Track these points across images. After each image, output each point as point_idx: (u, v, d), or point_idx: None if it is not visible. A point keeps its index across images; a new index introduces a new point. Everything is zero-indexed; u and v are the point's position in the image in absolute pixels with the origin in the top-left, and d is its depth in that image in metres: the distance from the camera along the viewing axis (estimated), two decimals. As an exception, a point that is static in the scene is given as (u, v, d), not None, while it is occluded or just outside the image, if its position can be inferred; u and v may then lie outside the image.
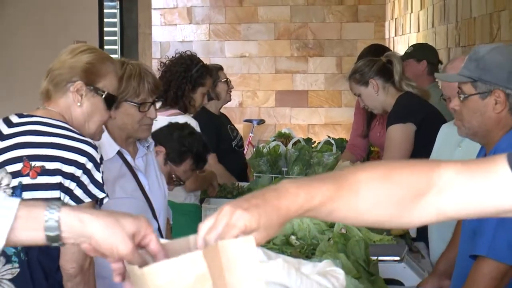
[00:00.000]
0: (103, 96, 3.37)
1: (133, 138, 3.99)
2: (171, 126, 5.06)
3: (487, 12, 8.21)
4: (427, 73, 6.83)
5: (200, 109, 6.53)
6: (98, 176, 3.22)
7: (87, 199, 3.19)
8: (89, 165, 3.20)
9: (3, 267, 3.20)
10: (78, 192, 3.18)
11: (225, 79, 6.84)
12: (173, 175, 4.87)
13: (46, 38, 3.43)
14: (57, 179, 3.17)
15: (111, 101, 3.43)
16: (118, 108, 3.83)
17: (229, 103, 7.40)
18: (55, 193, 3.17)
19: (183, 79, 5.89)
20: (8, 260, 3.20)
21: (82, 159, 3.19)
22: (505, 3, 7.62)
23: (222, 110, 7.14)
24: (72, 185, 3.17)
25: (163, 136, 4.87)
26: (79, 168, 3.18)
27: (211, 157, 6.16)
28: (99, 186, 3.22)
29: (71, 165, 3.18)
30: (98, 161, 3.23)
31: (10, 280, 3.20)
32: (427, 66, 6.87)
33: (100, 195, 3.22)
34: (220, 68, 6.95)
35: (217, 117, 6.86)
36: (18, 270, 3.20)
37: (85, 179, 3.18)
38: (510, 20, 7.47)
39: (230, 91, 6.93)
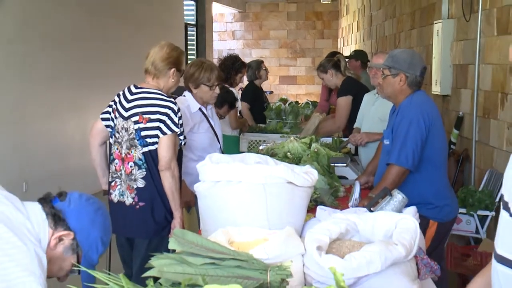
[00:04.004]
0: (181, 72, 3.26)
1: (207, 102, 3.94)
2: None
3: (393, 33, 8.11)
4: (360, 67, 6.70)
5: (250, 84, 6.45)
6: (175, 119, 3.07)
7: (168, 132, 3.05)
8: (171, 114, 3.07)
9: (138, 171, 3.11)
10: (165, 129, 3.06)
11: (264, 68, 6.50)
12: (218, 114, 4.82)
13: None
14: (156, 124, 3.06)
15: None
16: (198, 87, 3.79)
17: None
18: (156, 132, 3.06)
19: (230, 69, 5.77)
20: (139, 167, 3.12)
21: (168, 111, 3.07)
22: (403, 28, 7.53)
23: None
24: (161, 125, 3.05)
25: None
26: (166, 116, 3.06)
27: (245, 107, 6.17)
28: (176, 125, 3.07)
29: (163, 115, 3.06)
30: (176, 110, 3.08)
31: (142, 178, 3.12)
32: (361, 63, 6.74)
33: (176, 130, 3.06)
34: (262, 61, 6.61)
35: (259, 89, 6.59)
36: (145, 172, 3.11)
37: (168, 122, 3.06)
38: (405, 37, 7.37)
39: (267, 74, 6.59)
